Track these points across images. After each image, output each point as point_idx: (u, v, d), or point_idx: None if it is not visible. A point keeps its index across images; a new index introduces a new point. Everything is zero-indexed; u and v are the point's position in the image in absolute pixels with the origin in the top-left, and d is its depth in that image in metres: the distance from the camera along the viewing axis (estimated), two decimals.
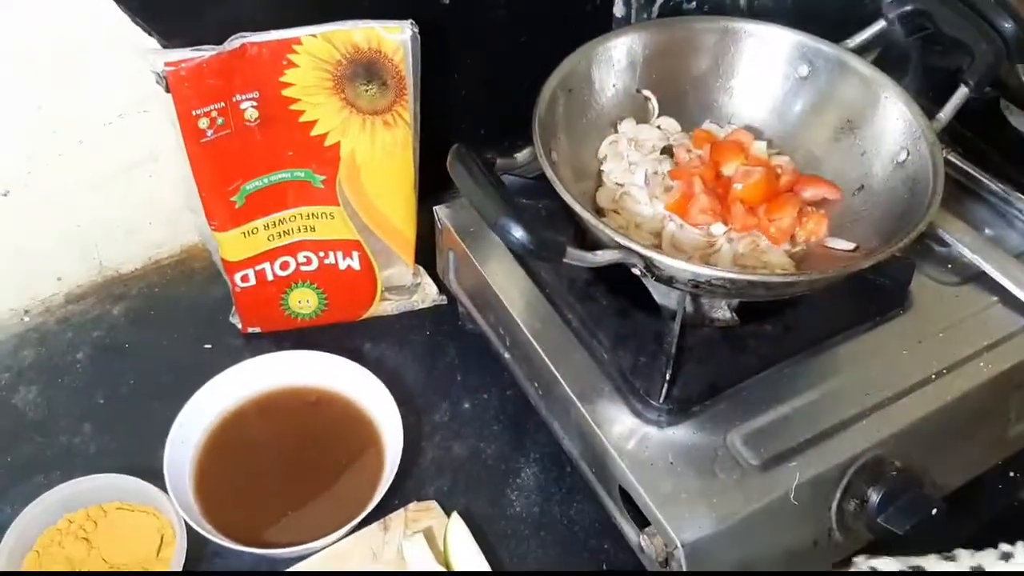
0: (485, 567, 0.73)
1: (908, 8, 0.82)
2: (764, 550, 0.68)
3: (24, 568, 0.72)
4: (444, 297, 0.94)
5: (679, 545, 0.63)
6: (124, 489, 0.75)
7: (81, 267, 0.95)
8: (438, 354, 0.91)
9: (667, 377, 0.68)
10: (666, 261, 0.64)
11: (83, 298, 0.95)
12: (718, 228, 0.75)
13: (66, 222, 0.91)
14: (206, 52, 0.71)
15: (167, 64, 0.71)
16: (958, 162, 0.86)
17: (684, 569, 0.64)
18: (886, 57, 0.88)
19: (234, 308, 0.90)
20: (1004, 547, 0.66)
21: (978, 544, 0.68)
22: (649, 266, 0.66)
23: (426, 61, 0.78)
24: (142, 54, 0.73)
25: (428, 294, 0.94)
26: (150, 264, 0.98)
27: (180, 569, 0.70)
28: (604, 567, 0.76)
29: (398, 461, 0.77)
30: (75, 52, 0.80)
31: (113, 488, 0.75)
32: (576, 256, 0.64)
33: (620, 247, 0.66)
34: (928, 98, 0.79)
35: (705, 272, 0.64)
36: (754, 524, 0.65)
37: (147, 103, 0.83)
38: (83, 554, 0.73)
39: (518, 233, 0.60)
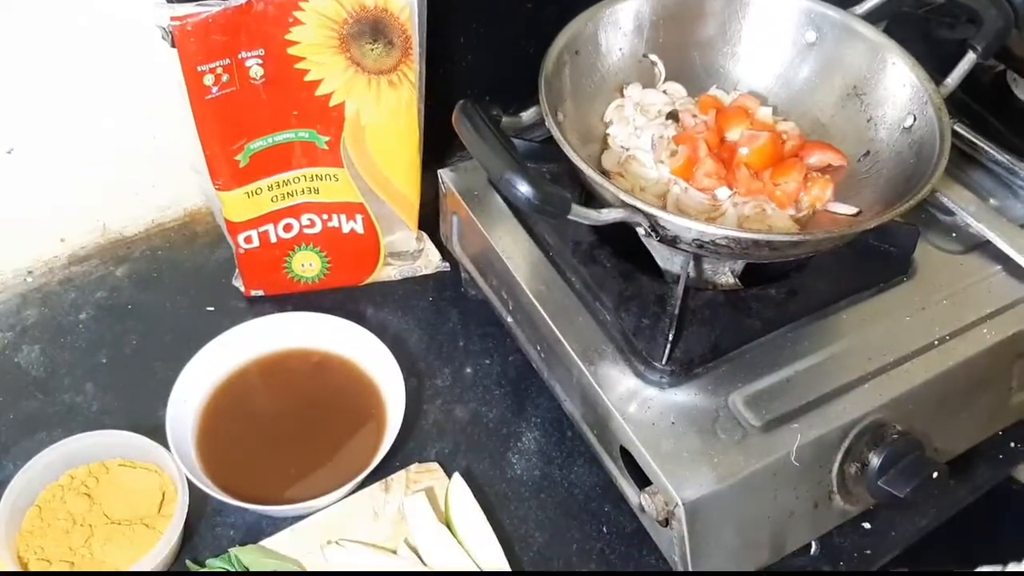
0: (486, 527, 0.73)
1: None
2: (764, 511, 0.68)
3: (25, 522, 0.72)
4: (447, 264, 0.94)
5: (679, 503, 0.63)
6: (126, 445, 0.75)
7: (85, 229, 0.95)
8: (440, 320, 0.91)
9: (670, 339, 0.68)
10: (671, 219, 0.64)
11: (86, 259, 0.95)
12: (723, 192, 0.75)
13: (70, 183, 0.91)
14: (212, 7, 0.71)
15: (173, 19, 0.70)
16: (965, 133, 0.86)
17: (684, 527, 0.64)
18: (894, 31, 0.87)
19: (237, 271, 0.90)
20: None
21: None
22: (654, 226, 0.66)
23: (431, 25, 0.78)
24: (148, 9, 0.73)
25: (431, 260, 0.94)
26: (153, 227, 0.98)
27: (182, 524, 0.71)
28: (604, 529, 0.76)
29: (400, 423, 0.77)
30: (79, 10, 0.80)
31: (115, 444, 0.76)
32: (580, 213, 0.64)
33: (625, 206, 0.65)
34: (936, 70, 0.79)
35: (710, 231, 0.64)
36: (754, 484, 0.65)
37: (152, 61, 0.83)
38: (85, 509, 0.73)
39: (523, 188, 0.60)
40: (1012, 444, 0.82)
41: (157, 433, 0.75)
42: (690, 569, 0.66)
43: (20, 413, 0.82)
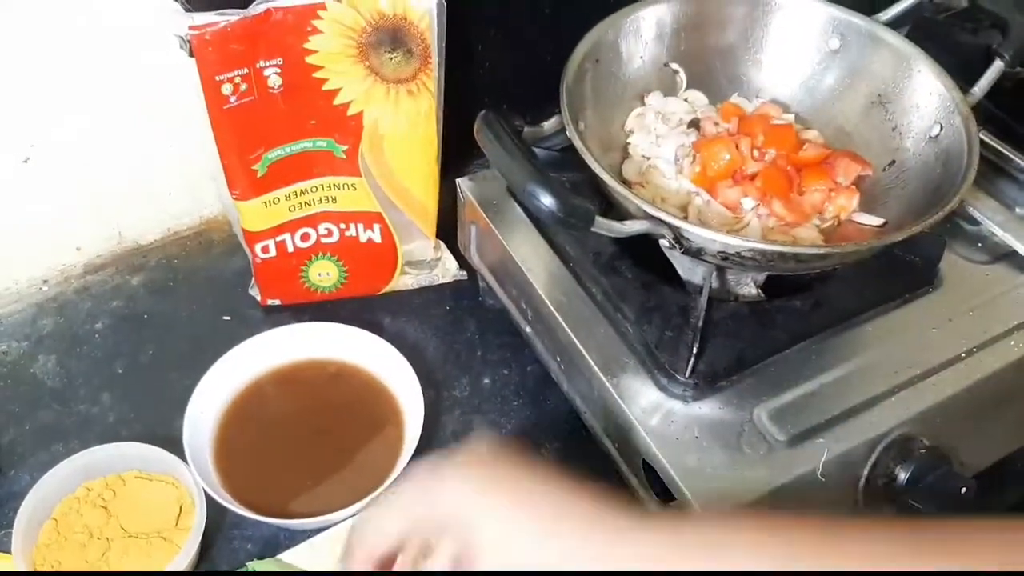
0: None
1: None
2: None
3: (41, 535, 0.71)
4: (464, 272, 0.93)
5: None
6: (143, 458, 0.75)
7: (100, 237, 0.94)
8: (458, 329, 0.90)
9: (693, 351, 0.67)
10: (696, 231, 0.63)
11: (102, 268, 0.94)
12: (748, 203, 0.74)
13: (86, 191, 0.90)
14: (231, 16, 0.70)
15: (191, 28, 0.70)
16: (990, 141, 0.84)
17: None
18: (915, 36, 0.86)
19: (253, 280, 0.90)
20: None
21: None
22: (678, 237, 0.65)
23: (450, 32, 0.77)
24: (166, 19, 0.72)
25: (448, 269, 0.93)
26: (169, 235, 0.97)
27: (200, 537, 0.70)
28: None
29: (419, 434, 0.76)
30: (95, 18, 0.80)
31: (132, 457, 0.75)
32: (604, 225, 0.63)
33: (649, 217, 0.65)
34: (957, 76, 0.78)
35: (735, 243, 0.63)
36: (780, 500, 0.64)
37: (169, 70, 0.82)
38: (102, 522, 0.72)
39: (547, 200, 0.59)
40: None
41: (174, 444, 0.74)
42: None
43: (36, 424, 0.81)
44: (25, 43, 0.79)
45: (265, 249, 0.85)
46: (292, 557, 0.72)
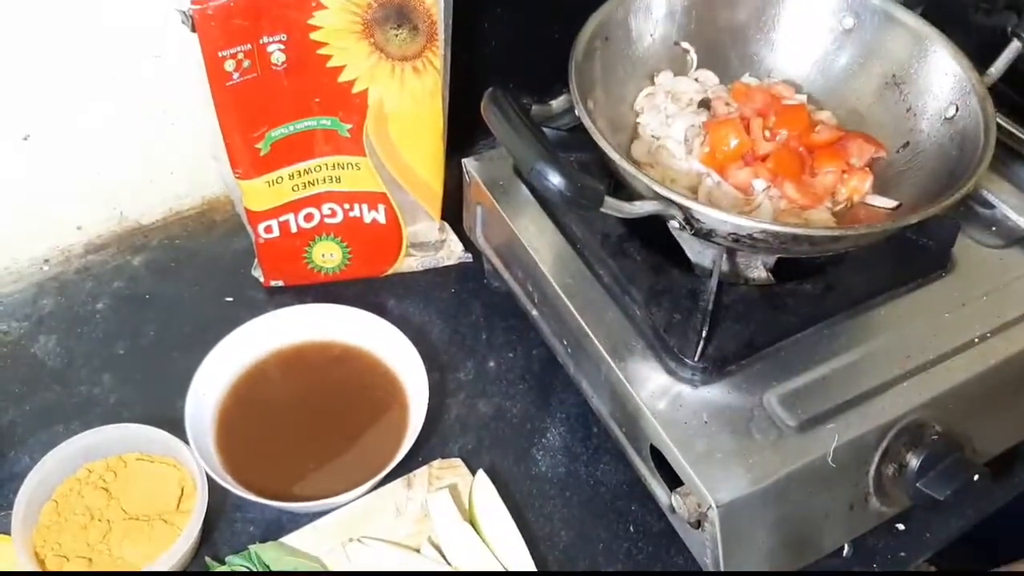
0: (511, 525, 0.71)
1: None
2: (799, 513, 0.66)
3: (42, 517, 0.71)
4: (470, 255, 0.92)
5: (713, 505, 0.61)
6: (145, 439, 0.74)
7: (102, 217, 0.93)
8: (463, 312, 0.90)
9: (703, 335, 0.66)
10: (707, 212, 0.62)
11: (103, 248, 0.94)
12: (759, 184, 0.73)
13: (87, 170, 0.89)
14: None
15: (194, 3, 0.68)
16: (1005, 123, 0.83)
17: (717, 530, 0.62)
18: (932, 16, 0.85)
19: (256, 261, 0.89)
20: None
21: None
22: (688, 218, 0.64)
23: (456, 8, 0.76)
24: None
25: (453, 251, 0.92)
26: (171, 215, 0.97)
27: (201, 520, 0.69)
28: (630, 528, 0.75)
29: (423, 417, 0.75)
30: None
31: (134, 438, 0.74)
32: (614, 206, 0.62)
33: (659, 197, 0.63)
34: (974, 57, 0.76)
35: (747, 224, 0.62)
36: (790, 486, 0.63)
37: (172, 47, 0.81)
38: (103, 504, 0.72)
39: (555, 179, 0.58)
40: None
41: (176, 426, 0.73)
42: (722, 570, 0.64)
43: (36, 405, 0.81)
44: (27, 20, 0.78)
45: (268, 229, 0.84)
46: (295, 540, 0.71)
